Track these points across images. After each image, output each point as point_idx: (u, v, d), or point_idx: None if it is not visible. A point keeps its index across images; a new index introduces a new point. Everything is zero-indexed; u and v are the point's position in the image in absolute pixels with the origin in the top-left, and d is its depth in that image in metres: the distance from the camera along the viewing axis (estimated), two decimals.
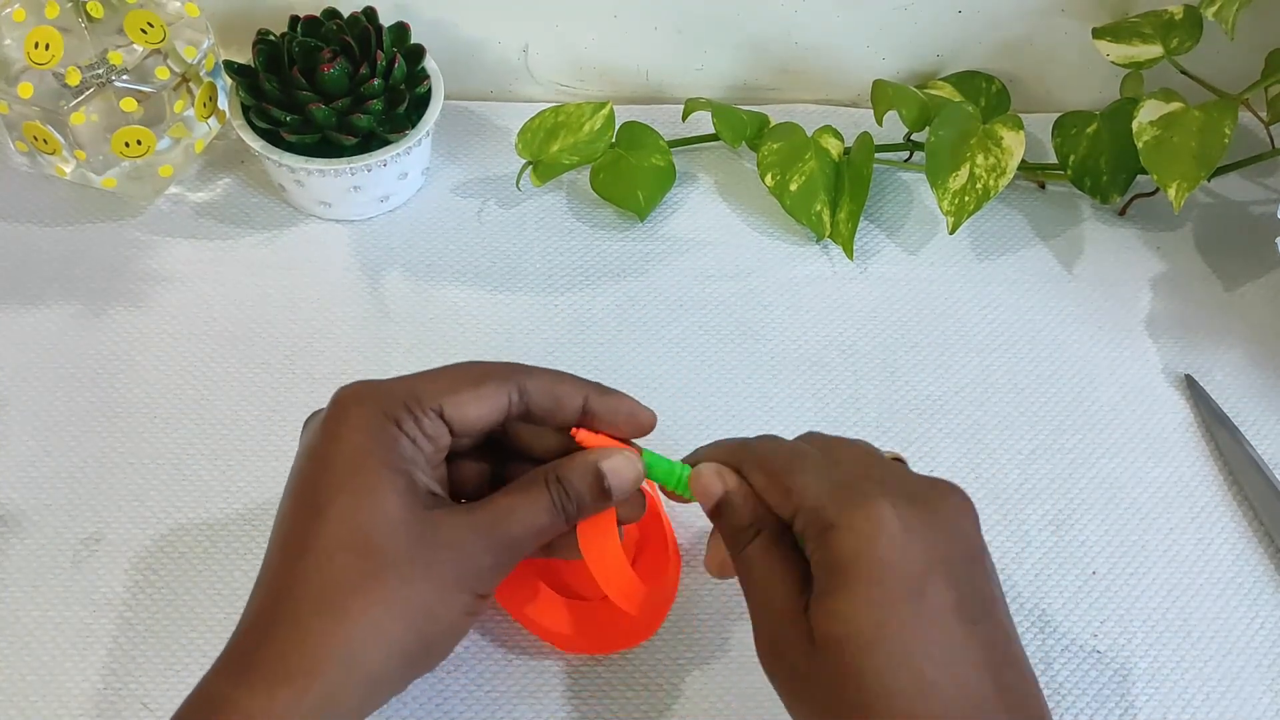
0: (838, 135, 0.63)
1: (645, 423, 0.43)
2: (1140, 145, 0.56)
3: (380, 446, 0.38)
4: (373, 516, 0.37)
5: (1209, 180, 0.58)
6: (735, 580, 0.44)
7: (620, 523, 0.43)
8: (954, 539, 0.37)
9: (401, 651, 0.37)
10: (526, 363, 0.43)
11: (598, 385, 0.43)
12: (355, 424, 0.39)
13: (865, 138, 0.62)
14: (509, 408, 0.41)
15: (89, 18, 0.56)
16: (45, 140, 0.56)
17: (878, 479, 0.38)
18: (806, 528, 0.37)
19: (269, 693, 0.35)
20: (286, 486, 0.40)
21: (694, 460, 0.42)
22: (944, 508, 0.38)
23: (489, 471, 0.44)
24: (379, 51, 0.57)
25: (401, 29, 0.59)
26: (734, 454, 0.41)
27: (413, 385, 0.40)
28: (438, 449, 0.40)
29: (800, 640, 0.36)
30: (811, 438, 0.42)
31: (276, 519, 0.40)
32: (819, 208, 0.61)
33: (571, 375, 0.43)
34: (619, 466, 0.41)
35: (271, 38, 0.57)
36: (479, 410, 0.40)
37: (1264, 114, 0.60)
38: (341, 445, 0.39)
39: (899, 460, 0.43)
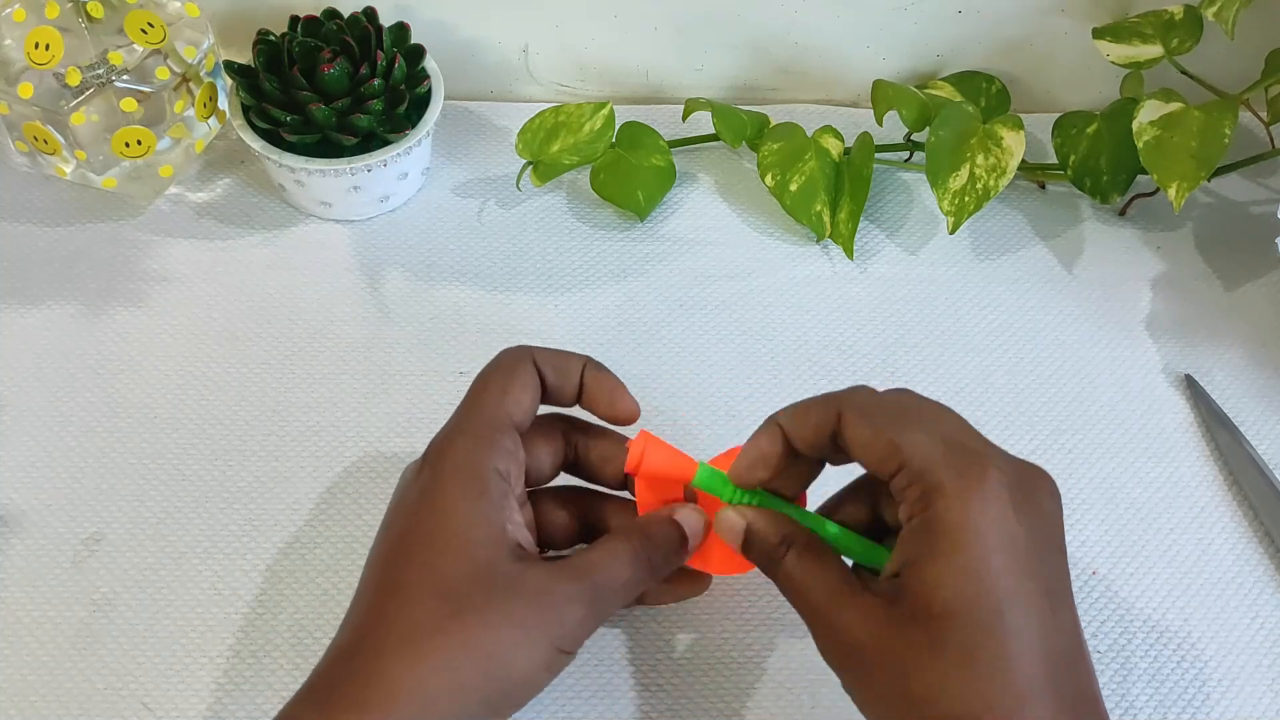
0: (838, 135, 0.63)
1: (622, 412, 0.44)
2: (1140, 145, 0.56)
3: (474, 495, 0.40)
4: (460, 564, 0.39)
5: (1209, 180, 0.58)
6: (735, 581, 0.44)
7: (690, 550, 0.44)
8: (1049, 523, 0.37)
9: (477, 697, 0.37)
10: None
11: (590, 360, 0.45)
12: (451, 474, 0.40)
13: (865, 138, 0.62)
14: (538, 384, 0.43)
15: (89, 18, 0.56)
16: (45, 140, 0.56)
17: (981, 447, 0.38)
18: (909, 487, 0.37)
19: None
20: (382, 527, 0.42)
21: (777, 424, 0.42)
22: (1041, 490, 0.38)
23: (575, 525, 0.46)
24: (379, 51, 0.57)
25: (402, 29, 0.59)
26: (830, 404, 0.40)
27: (484, 416, 0.42)
28: (519, 468, 0.42)
29: (861, 619, 0.37)
30: (904, 394, 0.41)
31: (370, 558, 0.41)
32: (819, 208, 0.61)
33: (565, 351, 0.45)
34: (689, 518, 0.43)
35: (271, 38, 0.57)
36: (528, 396, 0.42)
37: (1264, 114, 0.60)
38: (436, 494, 0.40)
39: None
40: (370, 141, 0.58)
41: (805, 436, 0.41)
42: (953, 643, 0.34)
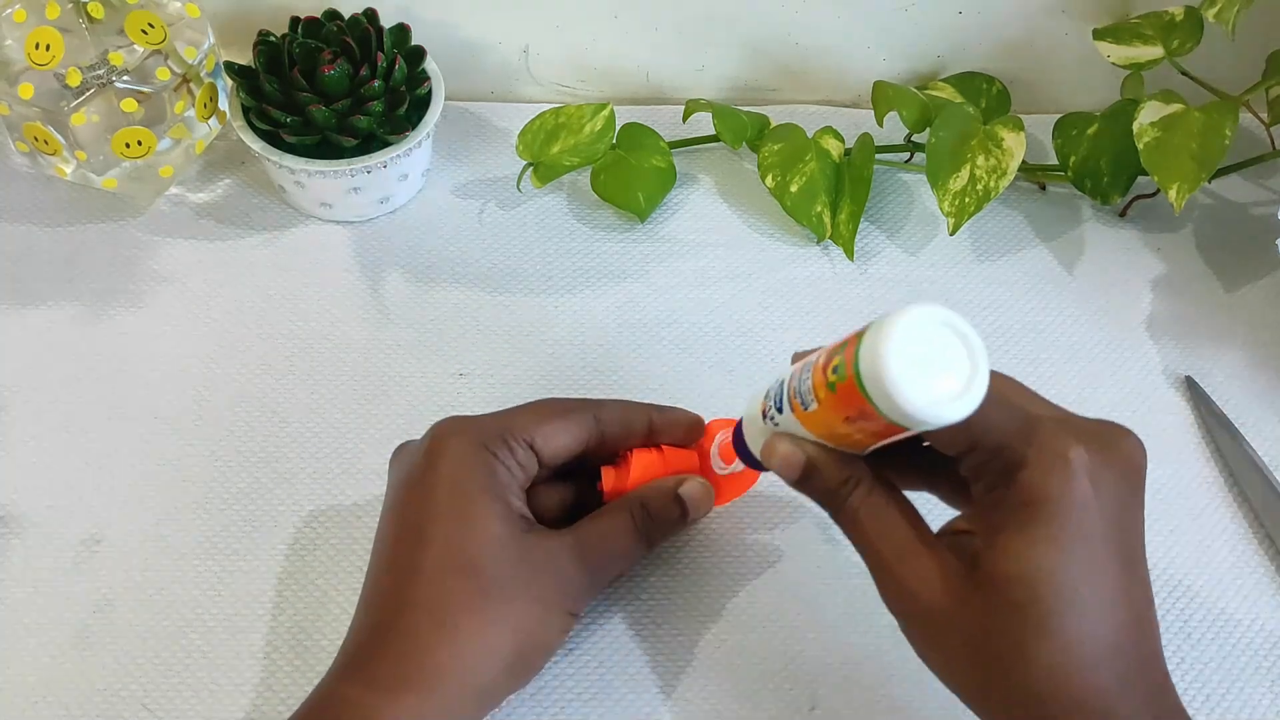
0: (838, 136, 0.63)
1: (699, 425, 0.48)
2: (1141, 146, 0.56)
3: (478, 474, 0.42)
4: (476, 540, 0.41)
5: (1209, 181, 0.58)
6: (733, 583, 0.44)
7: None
8: (1130, 484, 0.37)
9: (505, 666, 0.40)
10: (529, 366, 0.47)
11: (655, 405, 0.47)
12: (454, 454, 0.42)
13: (866, 139, 0.62)
14: (589, 437, 0.45)
15: (90, 18, 0.56)
16: (46, 141, 0.56)
17: (1059, 416, 0.38)
18: (988, 463, 0.36)
19: (395, 699, 0.38)
20: (385, 512, 0.44)
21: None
22: (1123, 449, 0.38)
23: (570, 499, 0.47)
24: (379, 53, 0.57)
25: (402, 30, 0.59)
26: None
27: (506, 419, 0.44)
28: (527, 477, 0.44)
29: (938, 576, 0.37)
30: None
31: (377, 541, 0.43)
32: (819, 209, 0.61)
33: (633, 401, 0.47)
34: (694, 491, 0.45)
35: (272, 39, 0.58)
36: (565, 440, 0.44)
37: (1264, 115, 0.60)
38: (441, 474, 0.42)
39: None
40: (370, 143, 0.58)
41: None
42: (1033, 612, 0.35)
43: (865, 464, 0.39)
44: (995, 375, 0.38)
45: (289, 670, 0.47)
